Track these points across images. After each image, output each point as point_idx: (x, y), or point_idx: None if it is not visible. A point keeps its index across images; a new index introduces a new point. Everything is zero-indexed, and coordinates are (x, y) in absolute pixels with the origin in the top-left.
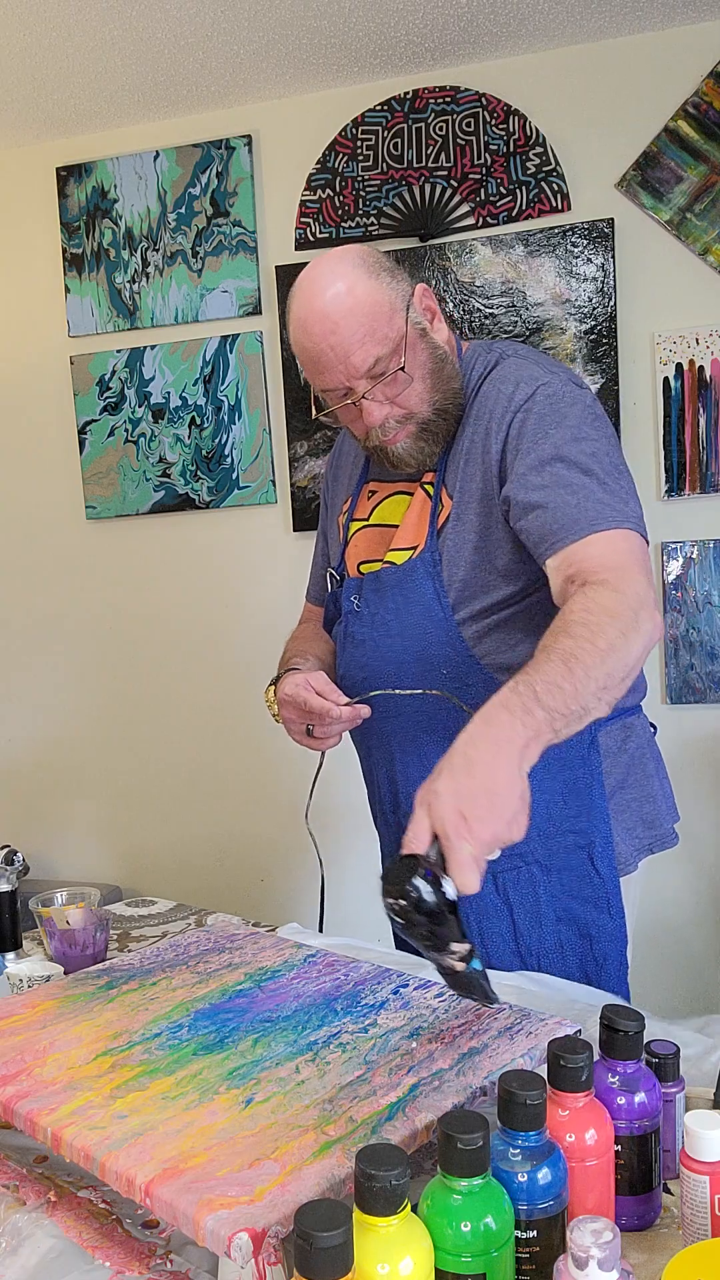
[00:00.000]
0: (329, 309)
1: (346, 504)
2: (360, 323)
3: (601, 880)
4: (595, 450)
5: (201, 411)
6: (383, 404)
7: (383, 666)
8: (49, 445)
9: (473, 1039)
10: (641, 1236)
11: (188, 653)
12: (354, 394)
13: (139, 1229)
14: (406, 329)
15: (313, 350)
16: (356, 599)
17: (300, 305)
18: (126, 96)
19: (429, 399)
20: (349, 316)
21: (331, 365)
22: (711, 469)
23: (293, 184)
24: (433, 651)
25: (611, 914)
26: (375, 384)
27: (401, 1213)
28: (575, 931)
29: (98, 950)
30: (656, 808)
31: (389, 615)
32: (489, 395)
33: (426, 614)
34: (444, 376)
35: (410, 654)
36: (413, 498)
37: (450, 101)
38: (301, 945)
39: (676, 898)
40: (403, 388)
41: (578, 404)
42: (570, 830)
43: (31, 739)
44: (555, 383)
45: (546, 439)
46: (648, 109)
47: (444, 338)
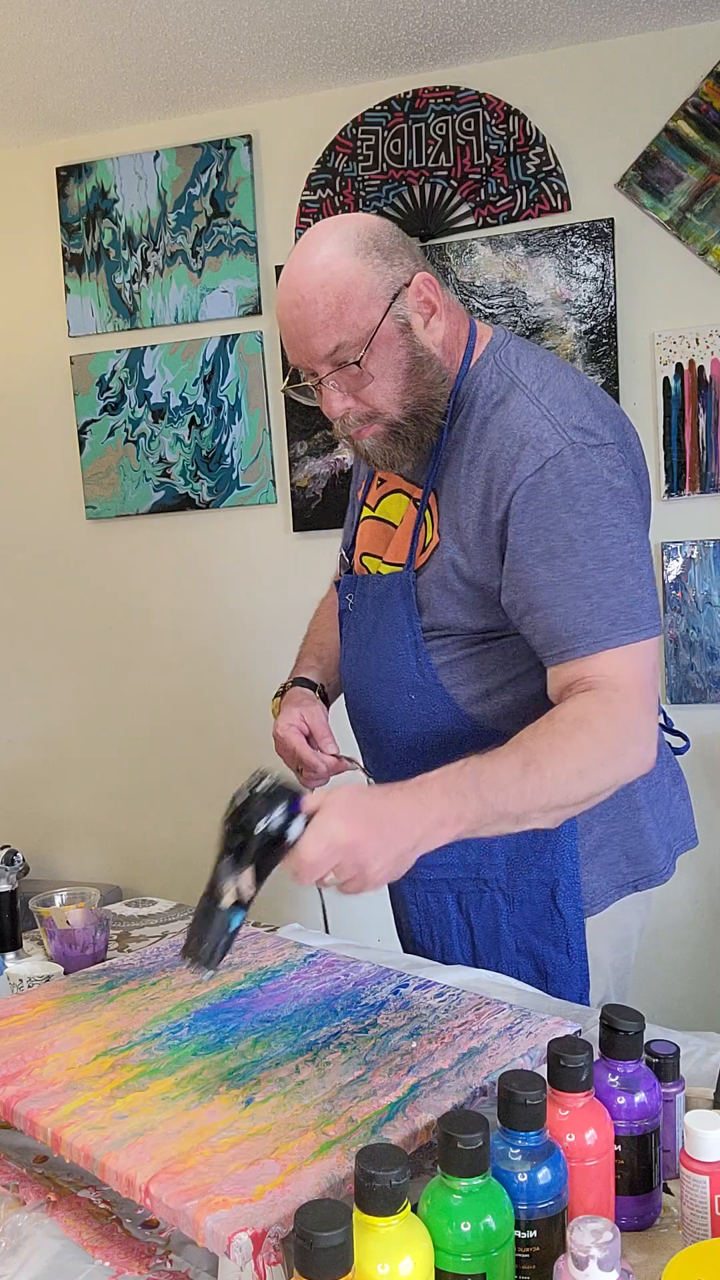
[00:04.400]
0: (301, 281)
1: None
2: (328, 303)
3: (563, 920)
4: (612, 541)
5: (201, 411)
6: (344, 395)
7: (363, 681)
8: (49, 445)
9: (473, 1039)
10: (641, 1236)
11: (187, 652)
12: (314, 378)
13: (139, 1229)
14: (381, 320)
15: (282, 319)
16: (351, 600)
17: (285, 267)
18: (126, 96)
19: (399, 400)
20: (318, 293)
21: (293, 341)
22: (711, 469)
23: (293, 184)
24: (402, 675)
25: (570, 955)
26: (335, 372)
27: (401, 1213)
28: (533, 966)
29: (98, 950)
30: (645, 843)
31: (369, 627)
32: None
33: (399, 635)
34: (423, 380)
35: (384, 672)
36: (407, 507)
37: (450, 101)
38: (301, 945)
39: (678, 902)
40: (366, 383)
41: (594, 481)
42: (535, 865)
43: (31, 739)
44: (568, 454)
45: (557, 527)
46: (648, 109)
47: (438, 337)
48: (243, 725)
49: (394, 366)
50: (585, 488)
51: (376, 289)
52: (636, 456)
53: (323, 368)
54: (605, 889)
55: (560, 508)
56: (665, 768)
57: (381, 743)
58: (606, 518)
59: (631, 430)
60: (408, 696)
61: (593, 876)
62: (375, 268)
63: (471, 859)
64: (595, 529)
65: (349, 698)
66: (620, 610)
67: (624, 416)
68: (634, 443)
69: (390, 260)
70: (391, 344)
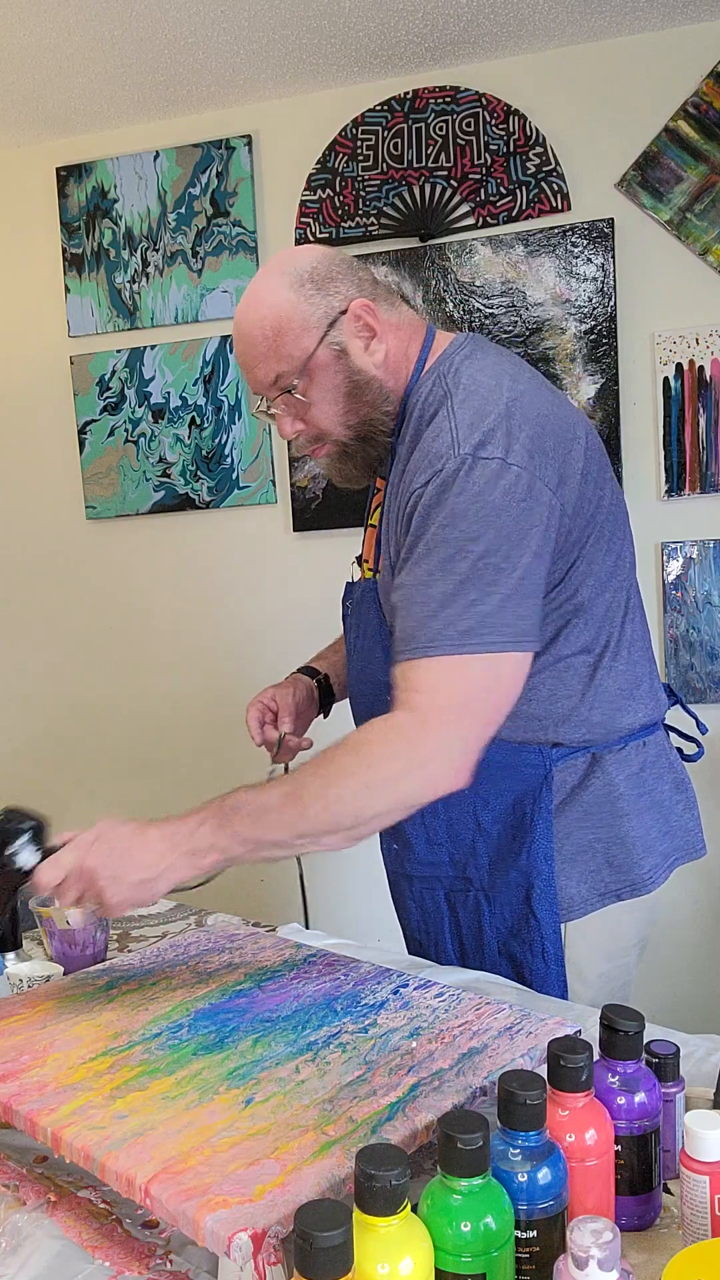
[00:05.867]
0: (243, 315)
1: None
2: (265, 335)
3: (538, 924)
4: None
5: (201, 411)
6: (293, 420)
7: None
8: (49, 445)
9: (473, 1039)
10: (641, 1236)
11: (187, 652)
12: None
13: (139, 1229)
14: (315, 349)
15: (235, 351)
16: (349, 604)
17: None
18: (126, 96)
19: (342, 421)
20: (255, 327)
21: (244, 370)
22: (711, 469)
23: (293, 184)
24: (380, 677)
25: (547, 961)
26: (281, 396)
27: (401, 1213)
28: (512, 969)
29: (98, 950)
30: (629, 851)
31: (355, 632)
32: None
33: (376, 639)
34: (364, 401)
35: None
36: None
37: (450, 101)
38: (301, 945)
39: (678, 903)
40: (308, 407)
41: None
42: (513, 866)
43: (31, 738)
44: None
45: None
46: (648, 109)
47: (379, 359)
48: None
49: (332, 391)
50: (456, 498)
51: (310, 319)
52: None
53: (271, 393)
54: (586, 895)
55: (430, 518)
56: (666, 775)
57: None
58: (467, 531)
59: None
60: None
61: (571, 882)
62: (308, 299)
63: (459, 857)
64: (449, 540)
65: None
66: (451, 622)
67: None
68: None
69: (324, 290)
70: (328, 370)
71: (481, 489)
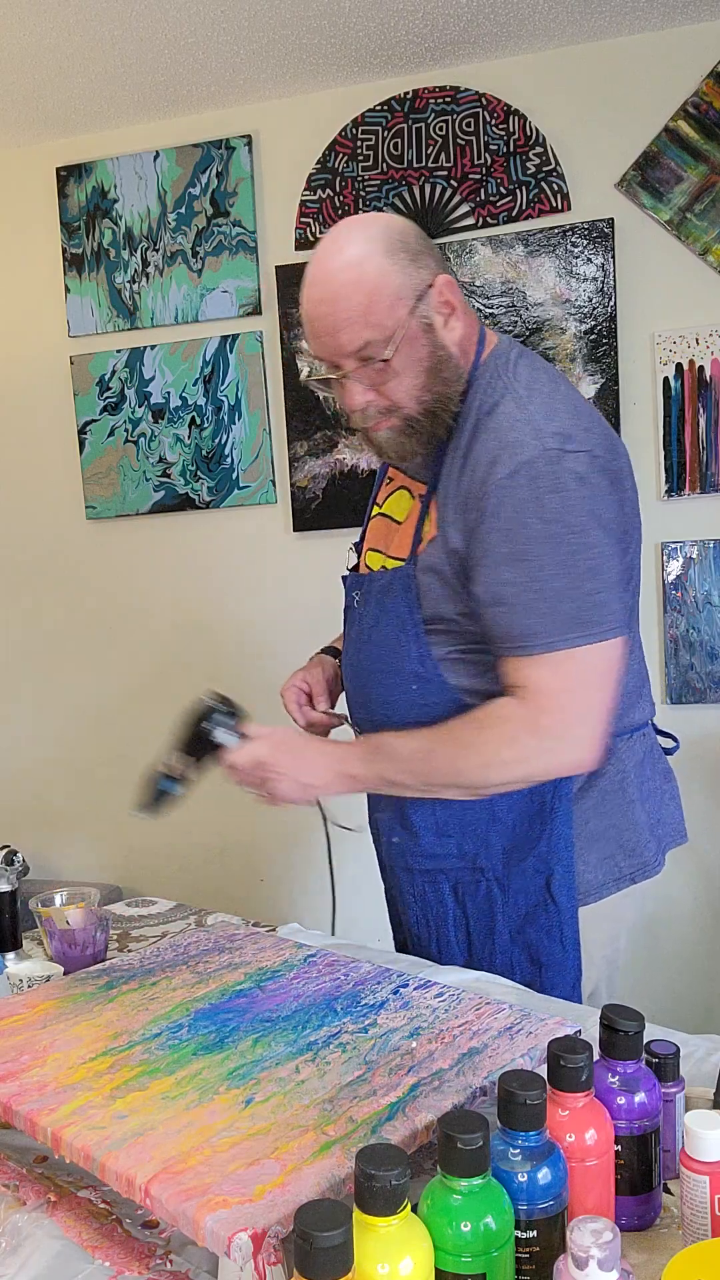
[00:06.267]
0: (330, 277)
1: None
2: (357, 301)
3: (558, 909)
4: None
5: (201, 411)
6: (366, 389)
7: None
8: (49, 445)
9: (473, 1039)
10: (641, 1236)
11: (187, 652)
12: (339, 371)
13: (139, 1229)
14: (408, 320)
15: (309, 313)
16: (357, 596)
17: (312, 262)
18: (126, 96)
19: (418, 396)
20: (347, 291)
21: (319, 335)
22: (711, 469)
23: (293, 184)
24: (405, 665)
25: (564, 945)
26: (361, 366)
27: (401, 1213)
28: (526, 956)
29: (98, 950)
30: (638, 836)
31: (371, 621)
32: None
33: (401, 627)
34: (441, 378)
35: (388, 663)
36: (413, 504)
37: (450, 102)
38: (301, 945)
39: (678, 901)
40: (389, 378)
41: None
42: (532, 854)
43: (31, 739)
44: (541, 461)
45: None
46: (648, 109)
47: (456, 337)
48: None
49: (416, 364)
50: (553, 495)
51: (403, 289)
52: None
53: (348, 362)
54: (602, 881)
55: (529, 512)
56: (656, 765)
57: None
58: (573, 524)
59: (618, 442)
60: (409, 686)
61: (588, 868)
62: (402, 269)
63: (469, 849)
64: (559, 535)
65: (349, 691)
66: (574, 615)
67: (610, 430)
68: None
69: (416, 262)
70: (415, 342)
71: (578, 483)
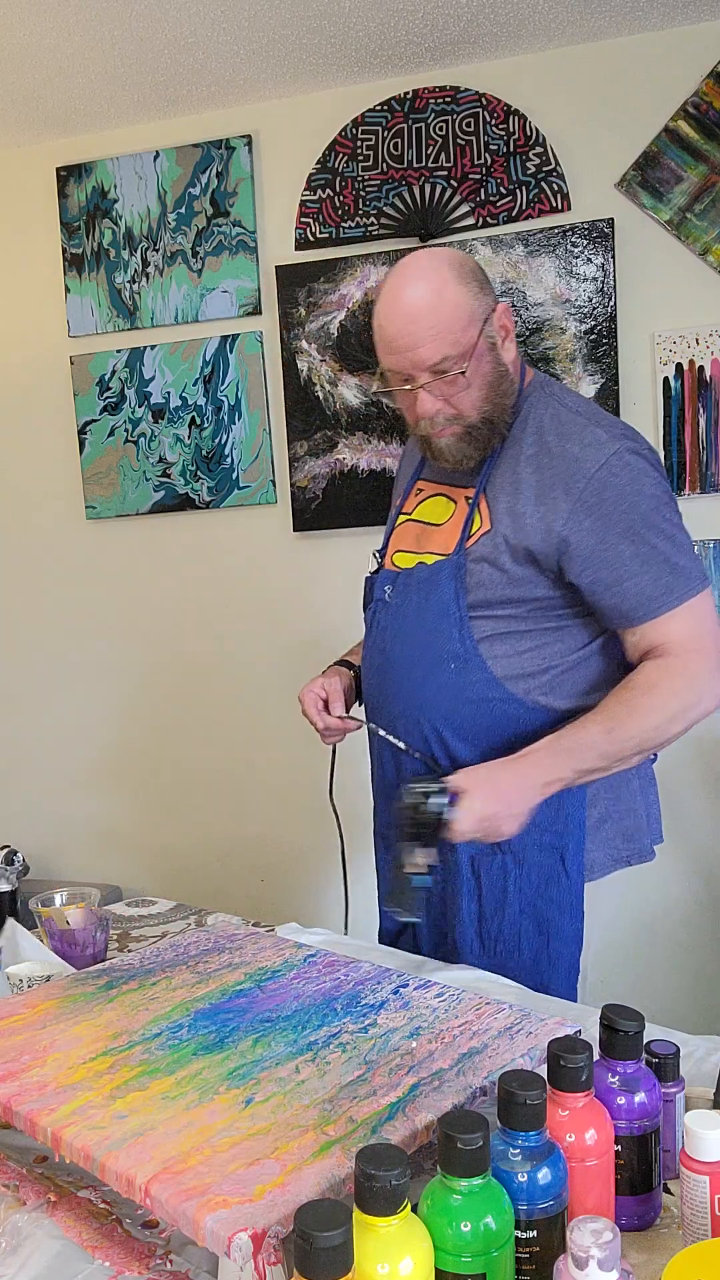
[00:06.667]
0: (415, 299)
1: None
2: (438, 322)
3: (569, 882)
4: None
5: (201, 411)
6: (436, 399)
7: (398, 653)
8: (49, 445)
9: (473, 1039)
10: (641, 1236)
11: (187, 652)
12: (414, 382)
13: (139, 1229)
14: (478, 340)
15: (389, 331)
16: (389, 590)
17: (391, 287)
18: (126, 96)
19: (480, 407)
20: (430, 313)
21: (401, 350)
22: (711, 469)
23: (293, 184)
24: (444, 646)
25: (572, 917)
26: (435, 379)
27: (401, 1213)
28: (535, 927)
29: (98, 950)
30: (638, 822)
31: (412, 609)
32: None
33: (444, 611)
34: (500, 391)
35: (424, 645)
36: (456, 506)
37: (450, 102)
38: (301, 945)
39: (678, 902)
40: (459, 390)
41: (647, 475)
42: (547, 831)
43: (31, 738)
44: (626, 452)
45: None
46: (648, 109)
47: (511, 357)
48: (242, 724)
49: (481, 378)
50: (644, 475)
51: (475, 312)
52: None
53: (423, 375)
54: (604, 860)
55: (630, 494)
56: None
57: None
58: (661, 501)
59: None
60: (448, 666)
61: (594, 847)
62: (474, 294)
63: None
64: (657, 508)
65: (374, 682)
66: (686, 571)
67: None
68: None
69: (482, 289)
70: (482, 359)
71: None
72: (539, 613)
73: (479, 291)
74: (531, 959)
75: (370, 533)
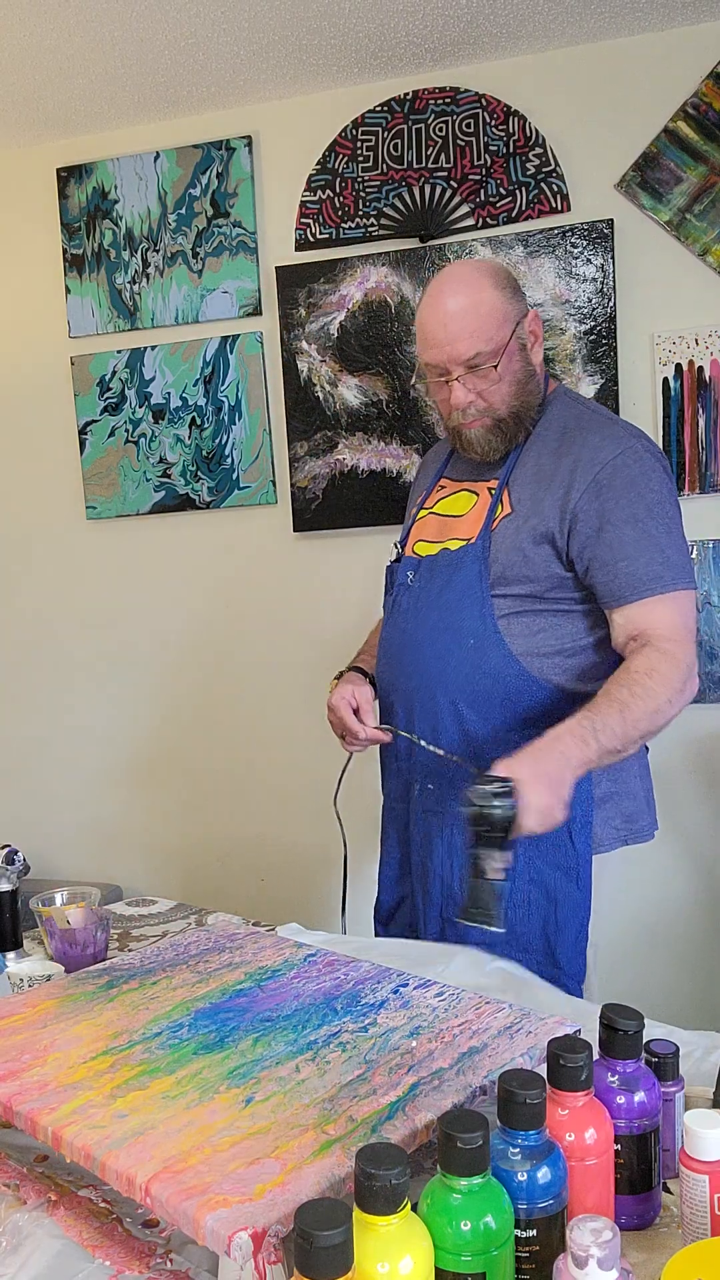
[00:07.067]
0: (455, 298)
1: (420, 498)
2: (475, 319)
3: (575, 852)
4: (669, 512)
5: (202, 412)
6: (469, 391)
7: (418, 631)
8: (49, 445)
9: (472, 1038)
10: (641, 1236)
11: (187, 653)
12: (449, 375)
13: (139, 1228)
14: (510, 339)
15: (430, 327)
16: (412, 575)
17: (433, 290)
18: (126, 97)
19: (509, 402)
20: (467, 312)
21: (439, 344)
22: (711, 469)
23: (293, 185)
24: (464, 623)
25: (579, 885)
26: (469, 373)
27: (401, 1212)
28: (543, 894)
29: (98, 950)
30: (637, 805)
31: (434, 591)
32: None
33: (467, 591)
34: (527, 389)
35: (444, 623)
36: (478, 498)
37: (450, 103)
38: (301, 945)
39: (677, 901)
40: (491, 384)
41: (654, 469)
42: None
43: (31, 738)
44: (638, 447)
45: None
46: (647, 109)
47: (539, 360)
48: (243, 724)
49: (512, 375)
50: (653, 471)
51: (509, 315)
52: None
53: (458, 368)
54: (606, 836)
55: (639, 484)
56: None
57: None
58: (665, 495)
59: None
60: (466, 642)
61: (597, 823)
62: (508, 298)
63: None
64: (661, 502)
65: (392, 660)
66: (679, 564)
67: None
68: None
69: (516, 296)
70: (513, 358)
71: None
72: (553, 595)
73: (513, 296)
74: (540, 924)
75: (370, 533)
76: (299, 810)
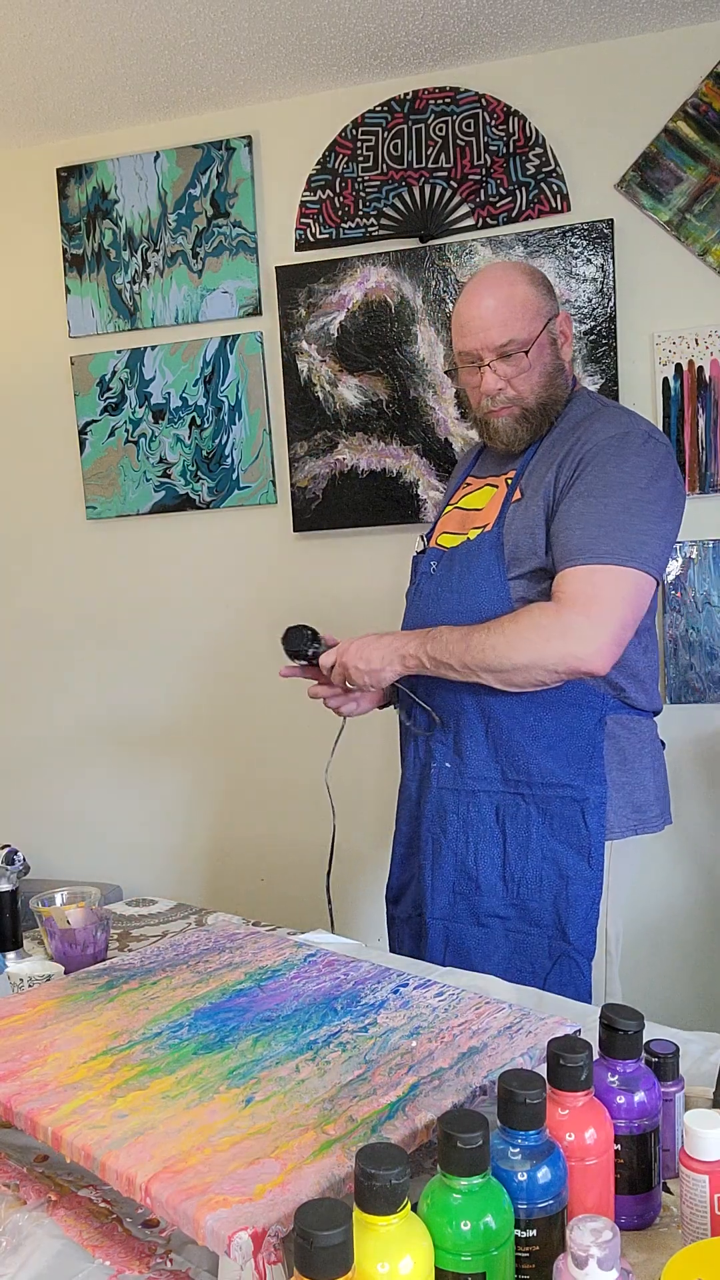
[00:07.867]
0: (491, 289)
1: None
2: (509, 309)
3: (588, 832)
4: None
5: (202, 412)
6: (500, 379)
7: (438, 616)
8: (49, 445)
9: (472, 1038)
10: (641, 1236)
11: (187, 653)
12: (481, 361)
13: (139, 1228)
14: (541, 332)
15: (466, 315)
16: (435, 564)
17: (471, 285)
18: (126, 97)
19: (538, 393)
20: (504, 302)
21: (474, 331)
22: (711, 469)
23: (293, 185)
24: (483, 605)
25: (590, 863)
26: (500, 360)
27: (401, 1212)
28: (556, 871)
29: (98, 950)
30: (646, 797)
31: (454, 577)
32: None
33: (485, 575)
34: (555, 383)
35: (464, 604)
36: (497, 489)
37: (450, 102)
38: (301, 945)
39: (677, 901)
40: (521, 371)
41: (646, 459)
42: (569, 785)
43: (31, 738)
44: (638, 435)
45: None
46: (647, 109)
47: (567, 357)
48: (243, 724)
49: (541, 367)
50: (637, 456)
51: (541, 309)
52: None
53: (489, 355)
54: (618, 823)
55: (612, 463)
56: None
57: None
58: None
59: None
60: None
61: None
62: (542, 295)
63: (512, 777)
64: (628, 483)
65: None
66: (621, 541)
67: None
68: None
69: (549, 294)
70: (544, 350)
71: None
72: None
73: (546, 294)
74: (552, 900)
75: (370, 533)
76: (299, 810)
